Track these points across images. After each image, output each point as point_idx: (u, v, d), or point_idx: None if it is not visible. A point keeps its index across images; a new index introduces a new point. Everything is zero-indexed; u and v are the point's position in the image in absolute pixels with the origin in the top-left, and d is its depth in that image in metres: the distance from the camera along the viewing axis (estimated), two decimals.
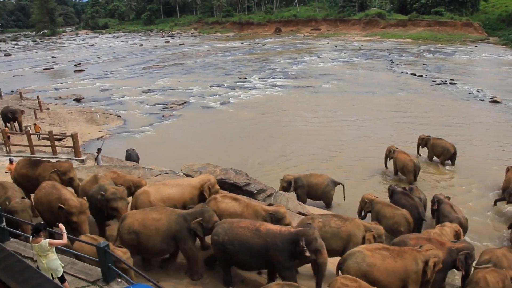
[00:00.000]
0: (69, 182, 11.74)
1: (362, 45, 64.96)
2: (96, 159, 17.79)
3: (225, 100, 32.45)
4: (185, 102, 32.68)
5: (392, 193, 14.67)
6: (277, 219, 9.97)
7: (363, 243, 9.97)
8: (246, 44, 67.70)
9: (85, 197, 10.36)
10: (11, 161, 14.21)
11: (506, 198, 15.37)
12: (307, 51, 59.16)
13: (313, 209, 15.18)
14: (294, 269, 9.20)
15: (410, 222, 13.10)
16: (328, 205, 16.14)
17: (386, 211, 13.47)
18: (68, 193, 10.00)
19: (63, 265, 7.14)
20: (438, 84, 38.14)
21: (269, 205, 10.63)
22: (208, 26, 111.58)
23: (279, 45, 66.80)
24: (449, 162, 20.00)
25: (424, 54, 56.04)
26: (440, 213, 13.91)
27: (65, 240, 7.13)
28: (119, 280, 7.23)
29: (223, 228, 8.86)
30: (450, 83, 38.27)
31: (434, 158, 20.46)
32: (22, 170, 11.86)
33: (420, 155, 20.73)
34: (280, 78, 40.72)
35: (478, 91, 35.19)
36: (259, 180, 16.49)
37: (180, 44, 78.95)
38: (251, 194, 15.06)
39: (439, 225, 12.19)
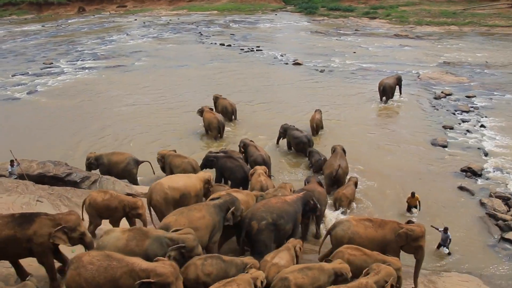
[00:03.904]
0: (80, 239, 8.46)
1: (170, 20, 64.91)
2: (10, 171, 14.38)
3: (32, 89, 29.80)
4: None
5: (216, 159, 15.28)
6: (412, 238, 9.61)
7: None
8: (48, 26, 62.55)
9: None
10: None
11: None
12: (115, 30, 57.06)
13: (141, 188, 15.19)
14: None
15: (195, 168, 14.86)
16: (133, 183, 15.77)
17: (175, 161, 15.15)
18: (140, 260, 7.22)
19: None
20: (246, 51, 40.27)
21: (408, 222, 10.14)
22: None
23: (85, 25, 63.20)
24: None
25: (231, 25, 58.27)
26: (247, 154, 16.23)
27: None
28: None
29: None
30: (256, 50, 40.71)
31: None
32: (5, 231, 7.92)
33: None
34: (89, 60, 38.73)
35: (282, 56, 38.24)
36: (82, 168, 15.92)
37: None
38: (75, 184, 14.46)
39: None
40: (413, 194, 14.12)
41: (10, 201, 11.81)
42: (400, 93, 25.72)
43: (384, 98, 25.02)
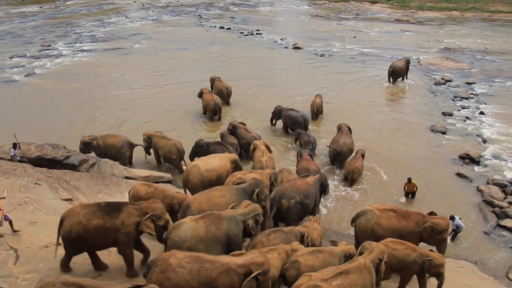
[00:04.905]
0: (163, 227, 8.46)
1: (169, 2, 64.28)
2: (13, 154, 14.33)
3: (30, 72, 29.63)
4: None
5: (207, 146, 15.41)
6: (438, 232, 9.85)
7: None
8: (46, 8, 61.96)
9: None
10: None
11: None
12: (113, 12, 56.58)
13: (140, 171, 15.22)
14: None
15: (180, 149, 15.52)
16: (126, 165, 15.95)
17: (160, 142, 15.73)
18: (231, 257, 7.22)
19: None
20: (245, 35, 40.03)
21: (431, 213, 10.27)
22: None
23: (83, 7, 62.64)
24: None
25: (230, 8, 57.80)
26: (238, 136, 16.72)
27: None
28: None
29: None
30: (256, 34, 40.47)
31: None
32: (95, 221, 7.92)
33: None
34: (88, 42, 38.43)
35: (282, 39, 38.03)
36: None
37: None
38: (73, 167, 14.49)
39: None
40: (409, 180, 14.18)
41: (9, 184, 11.85)
42: (406, 77, 25.92)
43: (392, 79, 25.29)
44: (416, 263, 8.74)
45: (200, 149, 15.22)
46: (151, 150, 16.51)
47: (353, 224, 10.17)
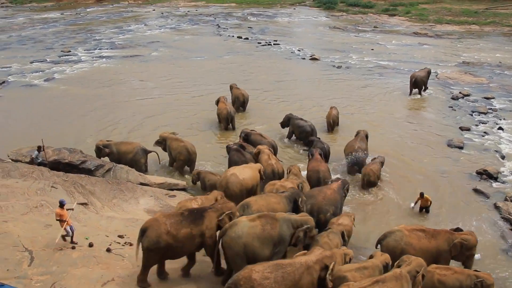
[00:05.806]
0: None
1: (188, 11, 64.90)
2: (35, 156, 14.63)
3: (50, 76, 30.08)
4: (3, 82, 29.47)
5: (228, 150, 15.85)
6: (467, 248, 10.06)
7: None
8: (67, 14, 62.89)
9: None
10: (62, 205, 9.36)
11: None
12: (133, 19, 57.23)
13: (155, 178, 15.29)
14: None
15: (190, 152, 15.89)
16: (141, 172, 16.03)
17: (173, 144, 16.08)
18: (303, 257, 8.09)
19: None
20: (263, 45, 40.16)
21: (457, 229, 10.58)
22: None
23: (103, 14, 63.49)
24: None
25: (249, 18, 58.06)
26: (253, 143, 16.71)
27: None
28: None
29: None
30: (274, 44, 40.59)
31: None
32: (183, 230, 8.45)
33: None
34: (107, 48, 38.93)
35: (299, 50, 38.08)
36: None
37: None
38: (89, 171, 14.61)
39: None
40: (421, 194, 13.98)
41: (26, 186, 12.00)
42: (426, 87, 25.90)
43: (414, 90, 25.47)
44: (468, 287, 8.64)
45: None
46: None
47: (380, 244, 10.07)
